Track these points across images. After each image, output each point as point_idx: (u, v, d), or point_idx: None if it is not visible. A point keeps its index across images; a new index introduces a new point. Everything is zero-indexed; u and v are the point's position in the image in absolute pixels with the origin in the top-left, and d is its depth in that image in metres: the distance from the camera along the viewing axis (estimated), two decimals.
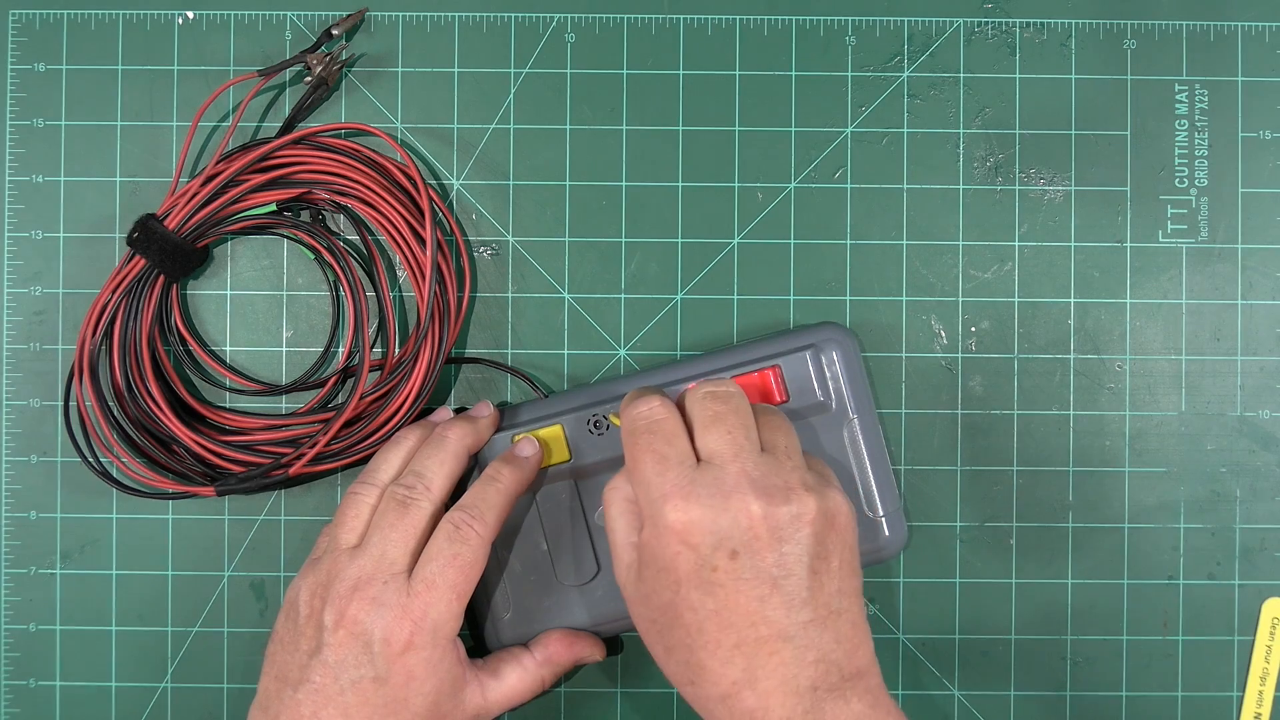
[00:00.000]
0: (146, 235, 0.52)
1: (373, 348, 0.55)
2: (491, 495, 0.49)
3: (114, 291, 0.53)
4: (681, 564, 0.43)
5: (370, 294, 0.55)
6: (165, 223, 0.53)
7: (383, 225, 0.54)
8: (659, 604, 0.44)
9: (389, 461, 0.51)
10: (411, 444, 0.51)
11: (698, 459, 0.45)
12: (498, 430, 0.52)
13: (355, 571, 0.47)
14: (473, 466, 0.52)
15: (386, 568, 0.47)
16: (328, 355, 0.56)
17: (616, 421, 0.49)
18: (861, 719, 0.43)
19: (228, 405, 0.55)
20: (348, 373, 0.55)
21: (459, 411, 0.54)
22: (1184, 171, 0.56)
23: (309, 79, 0.55)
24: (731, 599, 0.43)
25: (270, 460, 0.53)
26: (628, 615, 0.52)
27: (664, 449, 0.44)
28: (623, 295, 0.56)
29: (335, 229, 0.55)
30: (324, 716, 0.46)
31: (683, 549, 0.43)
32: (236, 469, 0.53)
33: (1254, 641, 0.55)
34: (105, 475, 0.54)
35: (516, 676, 0.51)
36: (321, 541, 0.50)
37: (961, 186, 0.56)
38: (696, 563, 0.43)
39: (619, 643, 0.55)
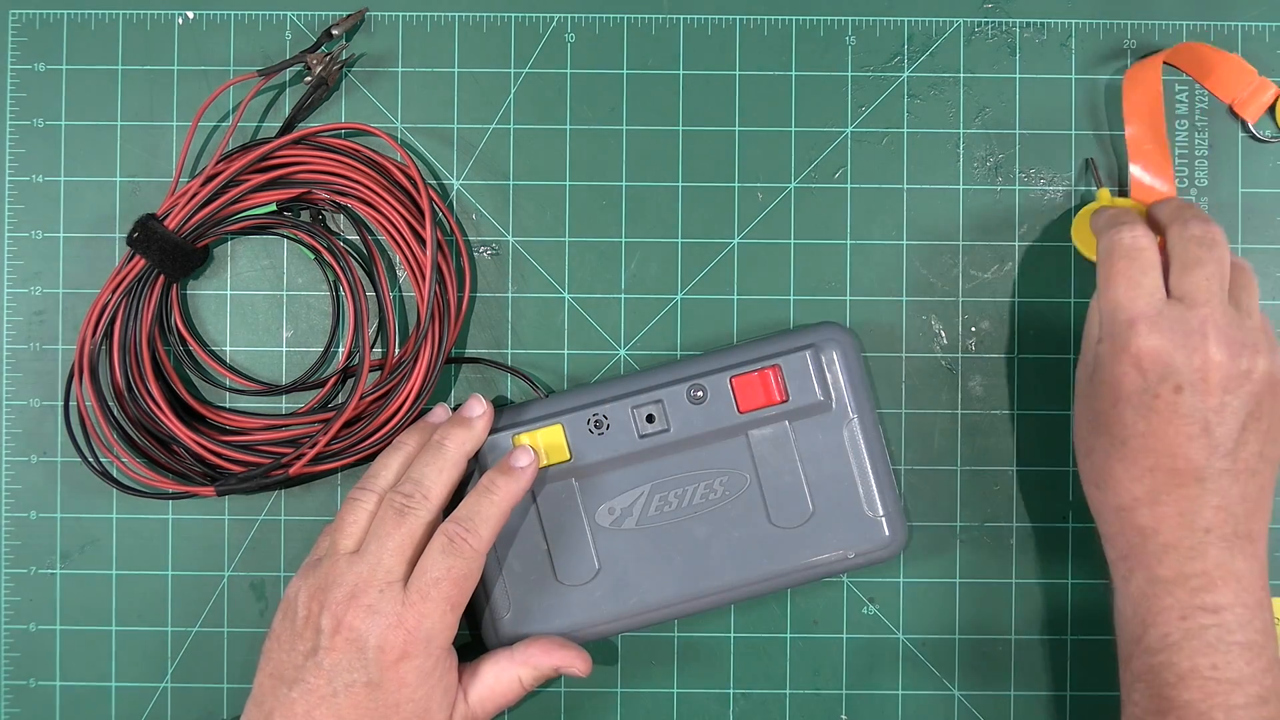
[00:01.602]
0: (146, 235, 0.52)
1: (373, 348, 0.55)
2: (486, 507, 0.49)
3: (114, 291, 0.53)
4: (1126, 384, 0.46)
5: (370, 294, 0.55)
6: (165, 223, 0.53)
7: (383, 225, 0.54)
8: (1096, 408, 0.48)
9: (389, 467, 0.51)
10: (411, 449, 0.51)
11: (1167, 293, 0.47)
12: (499, 430, 0.52)
13: (353, 578, 0.47)
14: (472, 470, 0.52)
15: (383, 576, 0.47)
16: (328, 355, 0.56)
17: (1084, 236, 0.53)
18: (1240, 577, 0.46)
19: (228, 405, 0.55)
20: (348, 373, 0.55)
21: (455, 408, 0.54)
22: (1184, 171, 0.56)
23: (309, 79, 0.55)
24: (1161, 428, 0.46)
25: (270, 460, 0.53)
26: (626, 616, 0.52)
27: (1139, 276, 0.47)
28: (623, 295, 0.56)
29: (335, 229, 0.55)
30: (317, 716, 0.46)
31: (1131, 371, 0.46)
32: (236, 469, 0.53)
33: None
34: (105, 475, 0.54)
35: (493, 675, 0.51)
36: (322, 543, 0.50)
37: (961, 186, 0.56)
38: (1140, 387, 0.46)
39: (615, 650, 0.55)
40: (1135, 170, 0.54)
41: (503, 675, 0.51)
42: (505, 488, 0.50)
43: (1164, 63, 0.55)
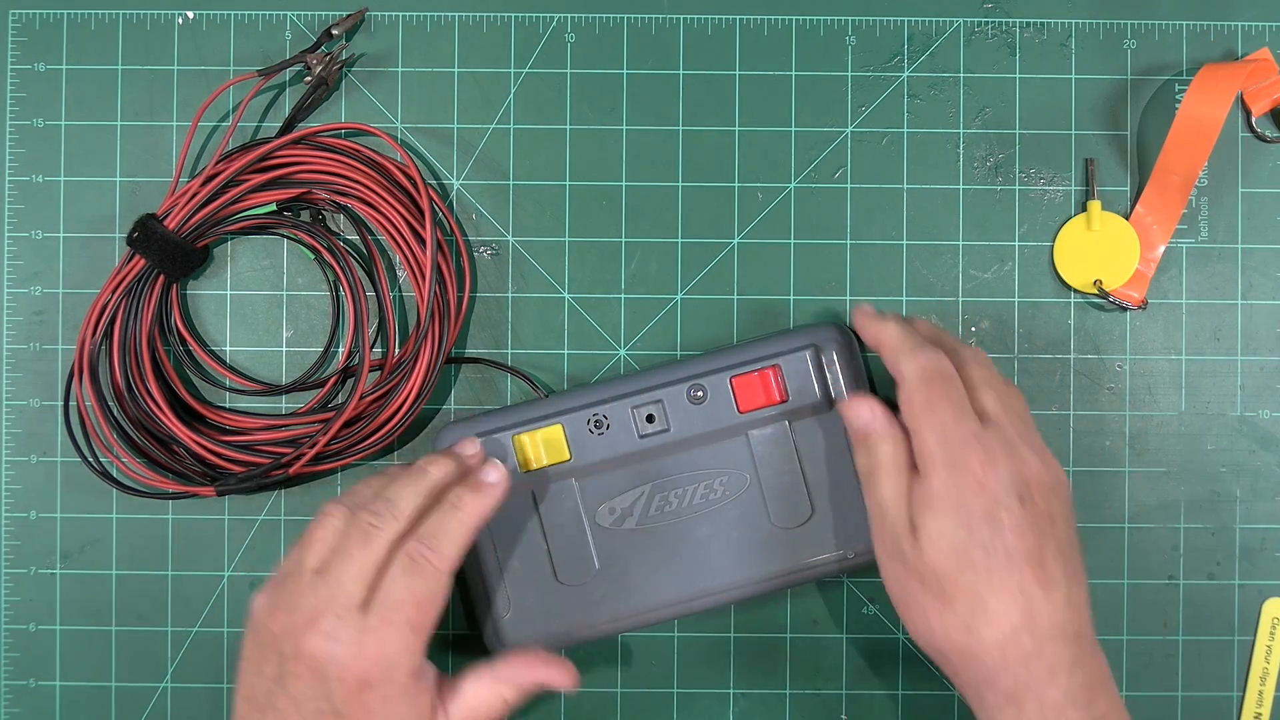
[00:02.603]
0: (146, 235, 0.52)
1: (373, 348, 0.55)
2: (452, 526, 0.47)
3: (114, 291, 0.53)
4: (976, 505, 0.45)
5: (370, 294, 0.55)
6: (165, 223, 0.53)
7: (383, 225, 0.54)
8: (945, 547, 0.45)
9: (371, 487, 0.49)
10: (424, 480, 0.49)
11: None
12: (499, 431, 0.52)
13: (313, 600, 0.45)
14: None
15: (342, 600, 0.45)
16: (328, 355, 0.56)
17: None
18: (1107, 680, 0.46)
19: (228, 405, 0.55)
20: (348, 373, 0.55)
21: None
22: None
23: (309, 79, 0.55)
24: (1018, 542, 0.45)
25: (270, 460, 0.53)
26: (626, 616, 0.52)
27: (960, 400, 0.47)
28: (623, 295, 0.56)
29: (335, 229, 0.55)
30: None
31: (980, 491, 0.45)
32: (236, 469, 0.53)
33: (1254, 641, 0.55)
34: (105, 475, 0.54)
35: (473, 692, 0.48)
36: (293, 555, 0.48)
37: (961, 186, 0.56)
38: (991, 504, 0.45)
39: (615, 650, 0.55)
40: (1147, 198, 0.54)
41: (483, 693, 0.49)
42: (473, 505, 0.48)
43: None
